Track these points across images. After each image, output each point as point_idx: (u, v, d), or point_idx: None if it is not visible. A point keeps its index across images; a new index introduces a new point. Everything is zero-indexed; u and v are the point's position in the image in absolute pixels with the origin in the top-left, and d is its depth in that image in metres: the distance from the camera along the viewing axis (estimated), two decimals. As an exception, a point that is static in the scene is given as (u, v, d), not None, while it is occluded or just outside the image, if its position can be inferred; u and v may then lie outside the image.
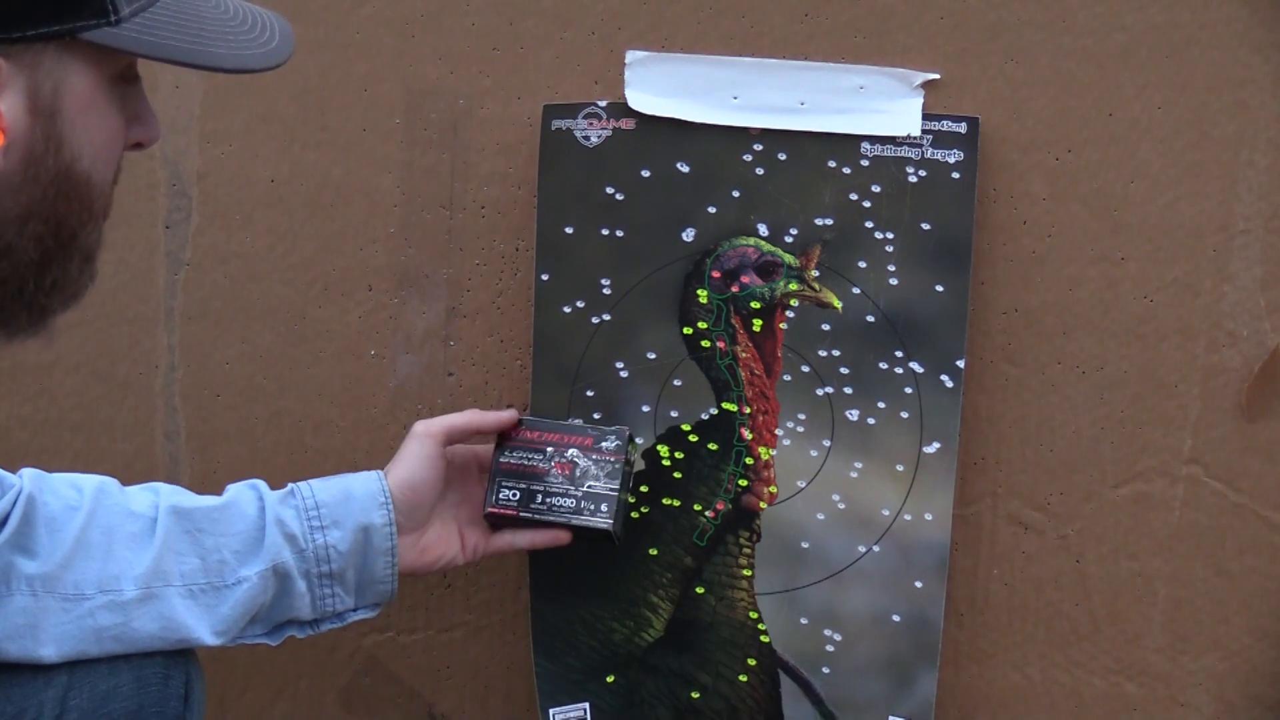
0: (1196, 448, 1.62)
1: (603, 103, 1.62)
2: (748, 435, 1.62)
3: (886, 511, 1.61)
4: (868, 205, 1.60)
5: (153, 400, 1.70)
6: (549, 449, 1.56)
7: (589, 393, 1.63)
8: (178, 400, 1.69)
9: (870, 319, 1.61)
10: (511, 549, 1.58)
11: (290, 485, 1.48)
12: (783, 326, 1.62)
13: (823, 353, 1.61)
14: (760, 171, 1.61)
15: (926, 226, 1.59)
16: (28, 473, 1.43)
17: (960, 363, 1.60)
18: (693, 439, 1.63)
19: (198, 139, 1.67)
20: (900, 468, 1.60)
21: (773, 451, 1.62)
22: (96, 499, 1.42)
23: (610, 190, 1.62)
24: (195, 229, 1.68)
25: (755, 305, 1.62)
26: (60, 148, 1.12)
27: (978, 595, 1.66)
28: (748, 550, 1.63)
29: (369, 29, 1.65)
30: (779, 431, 1.62)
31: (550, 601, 1.65)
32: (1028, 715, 1.67)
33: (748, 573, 1.63)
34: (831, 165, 1.60)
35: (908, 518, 1.61)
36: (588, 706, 1.64)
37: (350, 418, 1.69)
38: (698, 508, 1.63)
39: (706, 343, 1.63)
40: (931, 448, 1.60)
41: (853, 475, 1.61)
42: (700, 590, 1.64)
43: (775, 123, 1.60)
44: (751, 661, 1.64)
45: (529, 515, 1.55)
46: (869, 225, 1.60)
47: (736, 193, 1.61)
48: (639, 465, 1.62)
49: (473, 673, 1.72)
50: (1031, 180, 1.60)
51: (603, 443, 1.56)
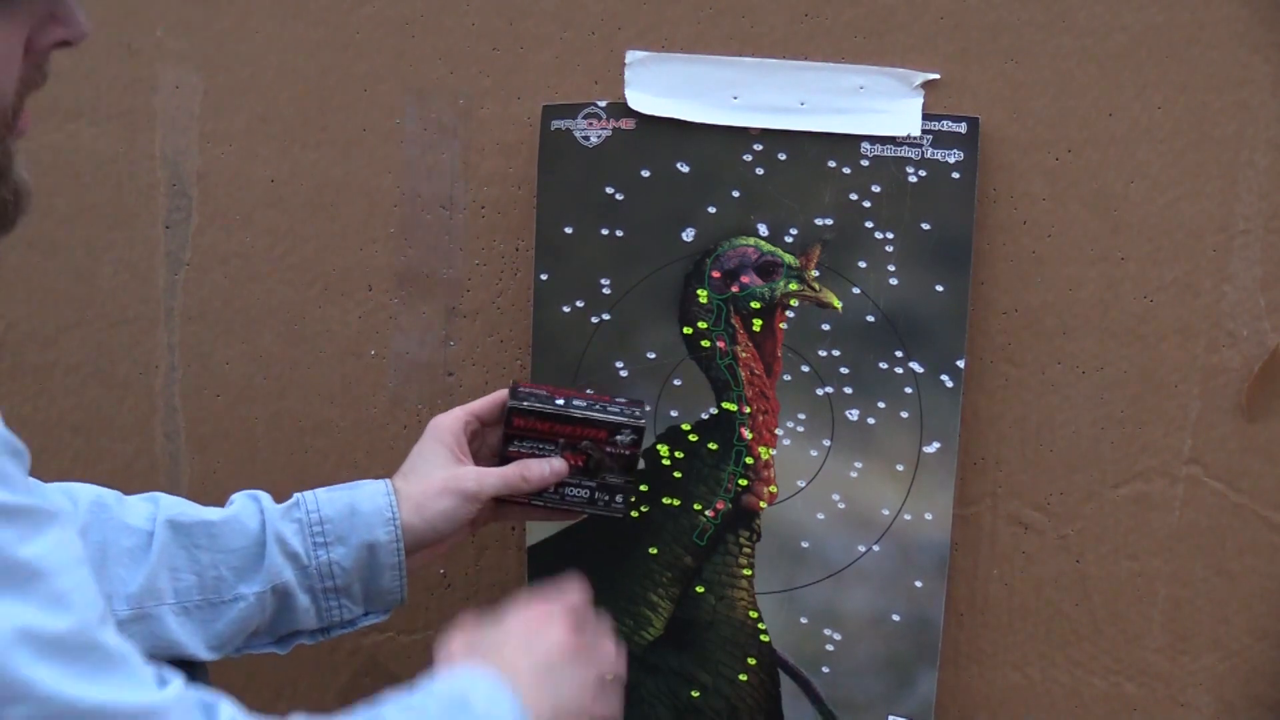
0: (1196, 448, 1.62)
1: (603, 103, 1.62)
2: (748, 435, 1.62)
3: (886, 511, 1.61)
4: (868, 205, 1.60)
5: (153, 400, 1.70)
6: (560, 440, 1.53)
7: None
8: (178, 400, 1.69)
9: (870, 319, 1.61)
10: (521, 520, 1.59)
11: (295, 496, 1.45)
12: (783, 326, 1.62)
13: (823, 353, 1.61)
14: (760, 171, 1.61)
15: (926, 226, 1.59)
16: None
17: (960, 363, 1.60)
18: (693, 439, 1.63)
19: (198, 139, 1.67)
20: (900, 467, 1.60)
21: (773, 451, 1.62)
22: (92, 512, 1.40)
23: (610, 190, 1.62)
24: (195, 229, 1.68)
25: (755, 305, 1.62)
26: None
27: (978, 595, 1.66)
28: (748, 550, 1.63)
29: (369, 29, 1.65)
30: (779, 431, 1.62)
31: (550, 601, 1.65)
32: (1028, 715, 1.67)
33: (748, 572, 1.63)
34: (831, 165, 1.60)
35: (908, 517, 1.61)
36: (588, 706, 1.64)
37: (350, 418, 1.69)
38: (698, 507, 1.63)
39: (706, 343, 1.63)
40: (931, 447, 1.60)
41: (853, 475, 1.61)
42: (700, 589, 1.64)
43: (775, 123, 1.60)
44: (751, 661, 1.64)
45: (541, 504, 1.53)
46: (869, 225, 1.60)
47: (736, 193, 1.61)
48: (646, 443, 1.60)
49: (473, 672, 1.72)
50: (1031, 180, 1.60)
51: (618, 436, 1.53)
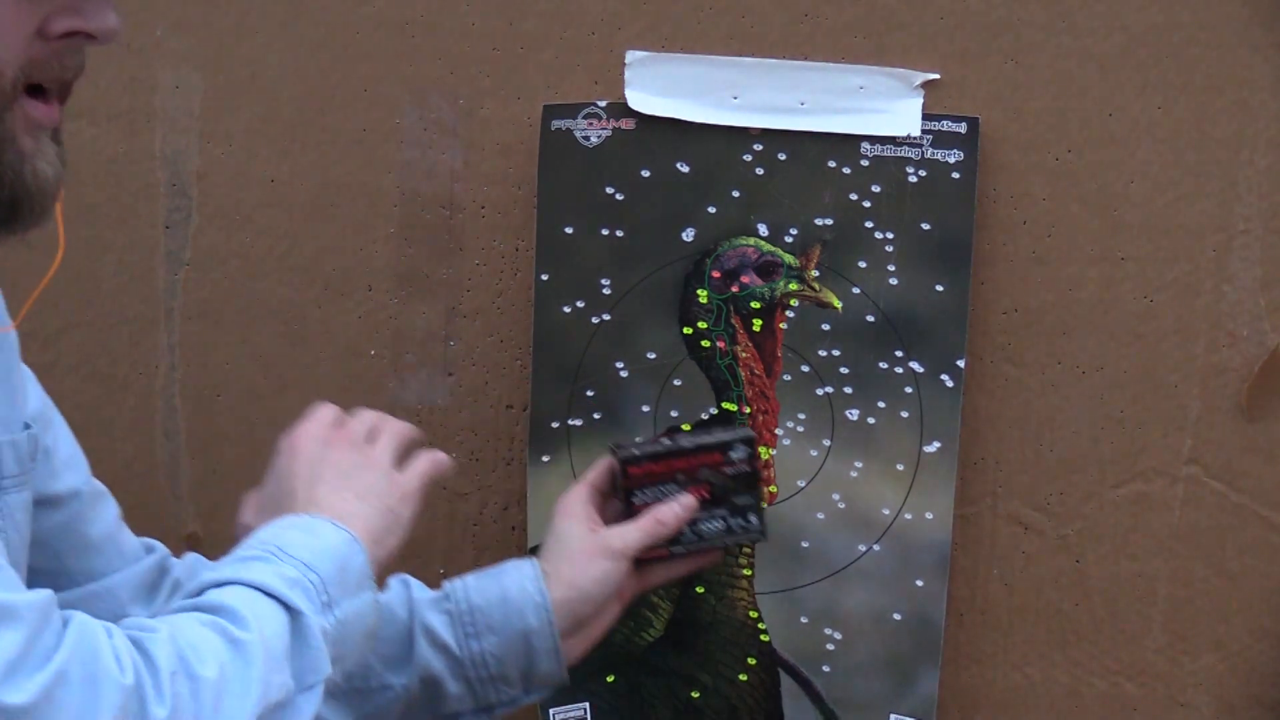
0: (1196, 448, 1.62)
1: (603, 103, 1.62)
2: (748, 435, 1.62)
3: (887, 511, 1.61)
4: (868, 205, 1.60)
5: (153, 400, 1.70)
6: (680, 476, 1.48)
7: (589, 392, 1.63)
8: (178, 400, 1.69)
9: (870, 319, 1.61)
10: (667, 580, 1.53)
11: (445, 585, 1.44)
12: (783, 326, 1.62)
13: (823, 353, 1.61)
14: (760, 171, 1.61)
15: (926, 226, 1.59)
16: (189, 557, 1.42)
17: (960, 362, 1.59)
18: (693, 439, 1.63)
19: (198, 139, 1.66)
20: (900, 467, 1.60)
21: (772, 451, 1.62)
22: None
23: (610, 190, 1.62)
24: (195, 229, 1.68)
25: (755, 305, 1.62)
26: None
27: (978, 595, 1.66)
28: (748, 550, 1.63)
29: (369, 29, 1.65)
30: (779, 431, 1.62)
31: (550, 601, 1.64)
32: (1028, 715, 1.67)
33: (748, 572, 1.63)
34: (831, 165, 1.60)
35: (908, 517, 1.60)
36: (587, 706, 1.64)
37: (350, 418, 1.69)
38: (698, 507, 1.63)
39: (706, 343, 1.63)
40: (932, 447, 1.60)
41: (853, 475, 1.61)
42: (700, 590, 1.64)
43: (775, 123, 1.60)
44: (751, 661, 1.63)
45: (682, 550, 1.48)
46: (869, 225, 1.60)
47: (736, 193, 1.61)
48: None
49: (473, 673, 1.72)
50: (1031, 180, 1.60)
51: (731, 453, 1.49)
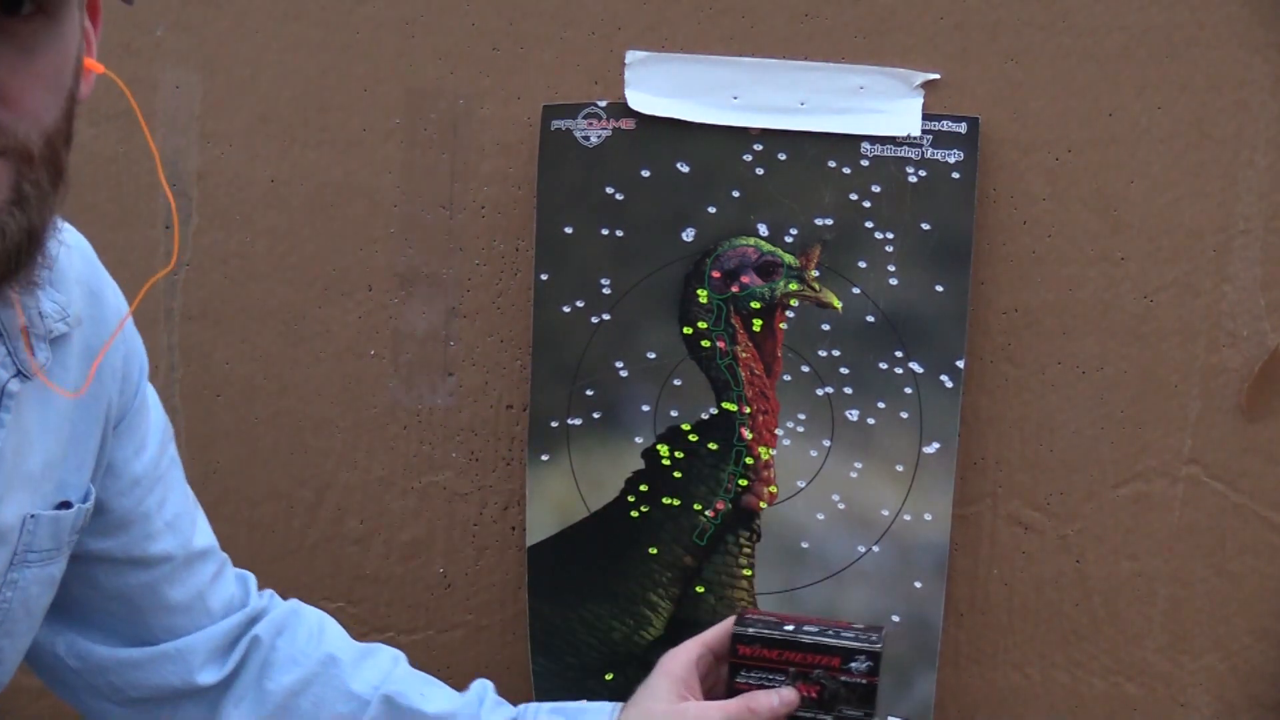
0: (1196, 448, 1.62)
1: (603, 103, 1.62)
2: (748, 435, 1.62)
3: (886, 512, 1.61)
4: (868, 205, 1.60)
5: (153, 400, 1.70)
6: (791, 669, 1.41)
7: (589, 392, 1.63)
8: (178, 400, 1.69)
9: (870, 319, 1.61)
10: None
11: (522, 706, 1.43)
12: (783, 326, 1.62)
13: (823, 353, 1.61)
14: (760, 171, 1.61)
15: (926, 226, 1.59)
16: (285, 607, 1.43)
17: (960, 363, 1.60)
18: (693, 439, 1.63)
19: (198, 139, 1.67)
20: (900, 468, 1.60)
21: (772, 451, 1.62)
22: (323, 665, 1.40)
23: (610, 190, 1.62)
24: (195, 229, 1.68)
25: (755, 305, 1.62)
26: None
27: (978, 595, 1.66)
28: (748, 550, 1.63)
29: (369, 29, 1.65)
30: (779, 431, 1.62)
31: (549, 600, 1.65)
32: (1028, 715, 1.67)
33: (748, 572, 1.63)
34: (831, 165, 1.60)
35: (907, 518, 1.61)
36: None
37: (350, 418, 1.69)
38: (698, 507, 1.63)
39: (706, 343, 1.63)
40: (931, 448, 1.60)
41: (852, 475, 1.61)
42: (700, 589, 1.64)
43: (775, 123, 1.60)
44: (751, 661, 1.64)
45: None
46: (869, 225, 1.60)
47: (736, 193, 1.61)
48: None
49: (473, 673, 1.71)
50: (1031, 180, 1.60)
51: (852, 664, 1.41)
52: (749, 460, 1.63)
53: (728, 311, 1.62)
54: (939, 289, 1.60)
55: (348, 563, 1.72)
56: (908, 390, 1.60)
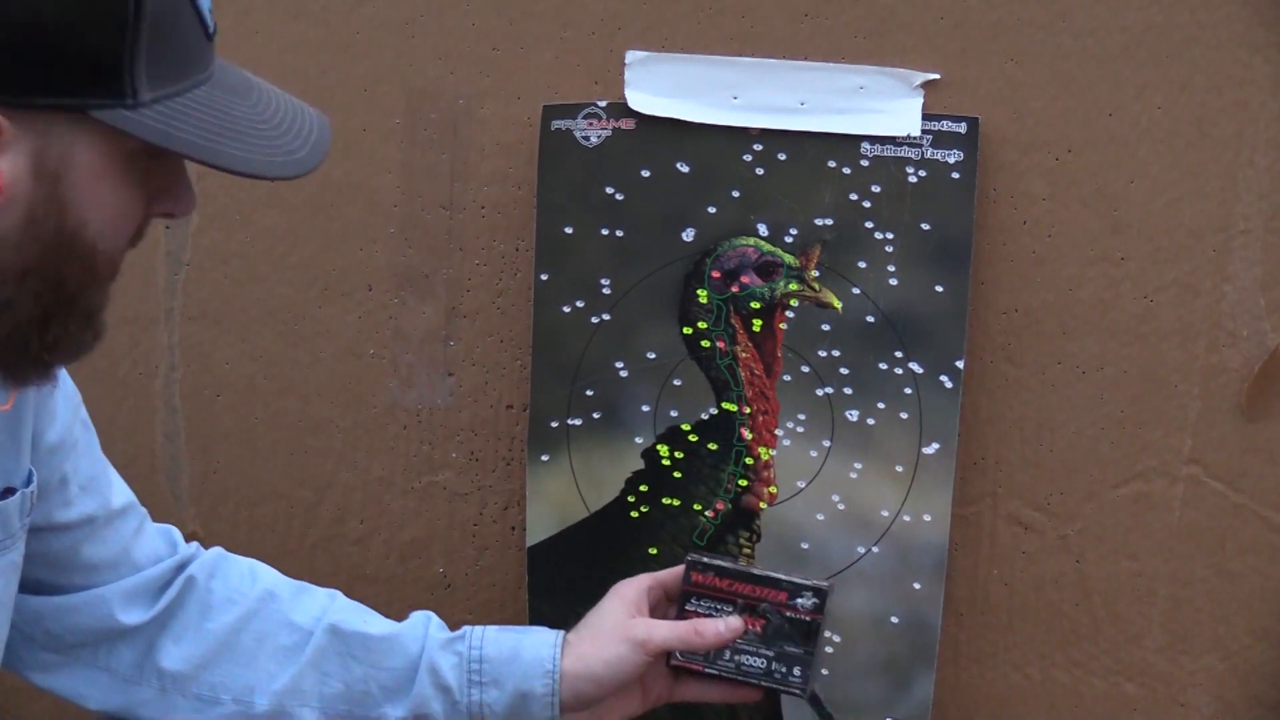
0: (1196, 448, 1.62)
1: (603, 103, 1.62)
2: (747, 435, 1.62)
3: (886, 512, 1.61)
4: (868, 205, 1.60)
5: (153, 400, 1.70)
6: (739, 601, 1.45)
7: (589, 392, 1.63)
8: (178, 400, 1.69)
9: (870, 319, 1.61)
10: (699, 699, 1.50)
11: (465, 628, 1.44)
12: (783, 326, 1.62)
13: (823, 353, 1.61)
14: (760, 171, 1.61)
15: (926, 226, 1.59)
16: (212, 551, 1.45)
17: (960, 363, 1.59)
18: (693, 439, 1.63)
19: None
20: (900, 468, 1.60)
21: (772, 451, 1.62)
22: (261, 601, 1.42)
23: (610, 190, 1.62)
24: (195, 229, 1.68)
25: (755, 305, 1.62)
26: (64, 212, 1.10)
27: (978, 595, 1.66)
28: (747, 550, 1.63)
29: (369, 29, 1.65)
30: (779, 431, 1.62)
31: (550, 600, 1.65)
32: (1028, 715, 1.67)
33: (748, 572, 1.63)
34: (831, 165, 1.60)
35: (907, 519, 1.60)
36: (588, 706, 1.64)
37: (350, 418, 1.69)
38: (697, 507, 1.63)
39: (706, 343, 1.63)
40: (931, 448, 1.60)
41: (852, 476, 1.61)
42: (700, 590, 1.64)
43: (775, 123, 1.60)
44: (751, 661, 1.64)
45: (715, 672, 1.46)
46: (869, 225, 1.60)
47: (736, 193, 1.61)
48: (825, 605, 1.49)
49: (473, 672, 1.72)
50: (1031, 180, 1.60)
51: (798, 599, 1.45)
52: (749, 460, 1.62)
53: (728, 311, 1.62)
54: (939, 289, 1.60)
55: (348, 563, 1.72)
56: (908, 390, 1.60)
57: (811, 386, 1.62)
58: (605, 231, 1.63)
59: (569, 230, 1.63)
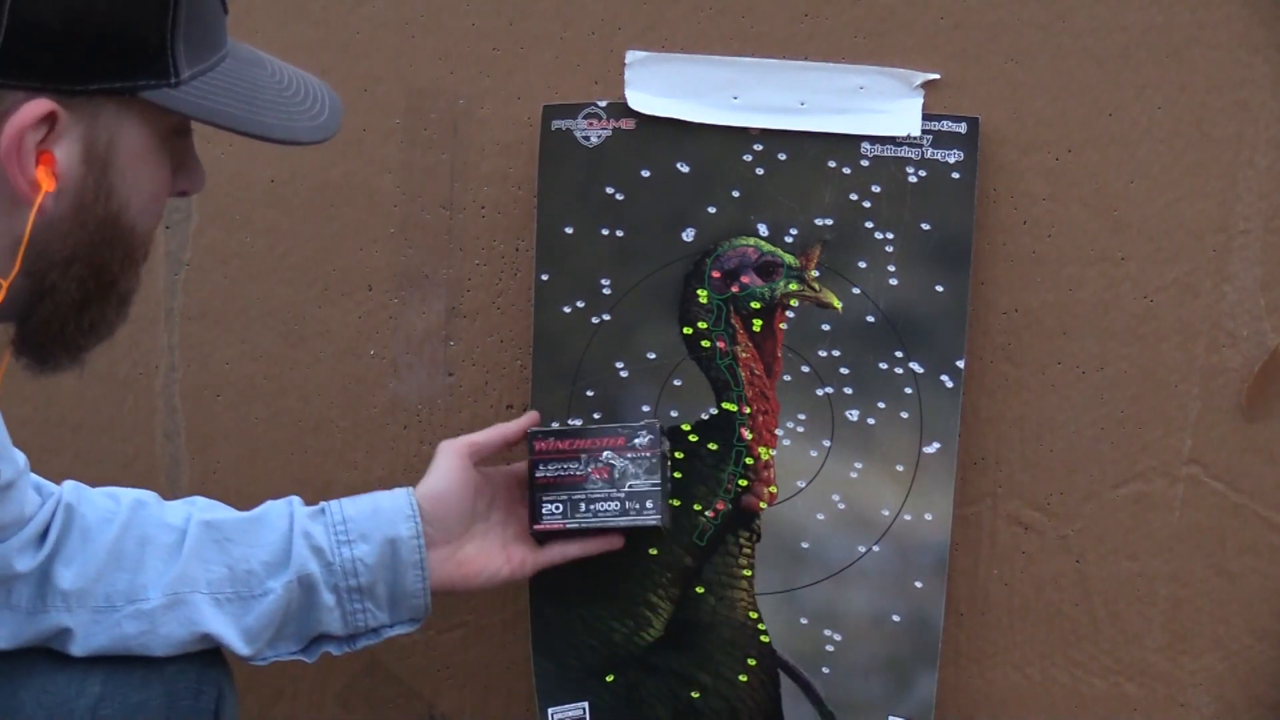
0: (1196, 448, 1.62)
1: (603, 103, 1.62)
2: (748, 435, 1.62)
3: (886, 512, 1.61)
4: (868, 205, 1.60)
5: (153, 400, 1.70)
6: (583, 455, 1.55)
7: (589, 393, 1.63)
8: (178, 400, 1.69)
9: (870, 319, 1.61)
10: (564, 559, 1.57)
11: (321, 503, 1.49)
12: (783, 326, 1.62)
13: (823, 353, 1.61)
14: (760, 171, 1.61)
15: (926, 226, 1.59)
16: (68, 484, 1.45)
17: (960, 363, 1.59)
18: (693, 439, 1.63)
19: (198, 139, 1.66)
20: (900, 468, 1.60)
21: (772, 451, 1.62)
22: (133, 510, 1.44)
23: (610, 190, 1.62)
24: (195, 229, 1.68)
25: (755, 305, 1.62)
26: (110, 197, 1.15)
27: (978, 595, 1.66)
28: (748, 550, 1.63)
29: (369, 29, 1.65)
30: (779, 431, 1.62)
31: (550, 601, 1.65)
32: (1028, 715, 1.67)
33: (748, 573, 1.63)
34: (831, 165, 1.60)
35: (908, 518, 1.60)
36: (587, 706, 1.64)
37: (350, 418, 1.69)
38: (698, 508, 1.63)
39: (706, 343, 1.63)
40: (931, 448, 1.60)
41: (853, 475, 1.61)
42: (700, 590, 1.64)
43: (775, 123, 1.60)
44: (751, 661, 1.63)
45: (576, 525, 1.55)
46: (869, 225, 1.60)
47: (736, 193, 1.61)
48: (669, 447, 1.61)
49: (473, 673, 1.72)
50: (1031, 180, 1.60)
51: (635, 439, 1.55)
52: (749, 460, 1.62)
53: (728, 311, 1.62)
54: (939, 289, 1.60)
55: (348, 563, 1.71)
56: (908, 390, 1.60)
57: (811, 386, 1.62)
58: (605, 231, 1.63)
59: (569, 230, 1.63)
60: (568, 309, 1.63)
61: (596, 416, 1.63)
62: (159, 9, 1.11)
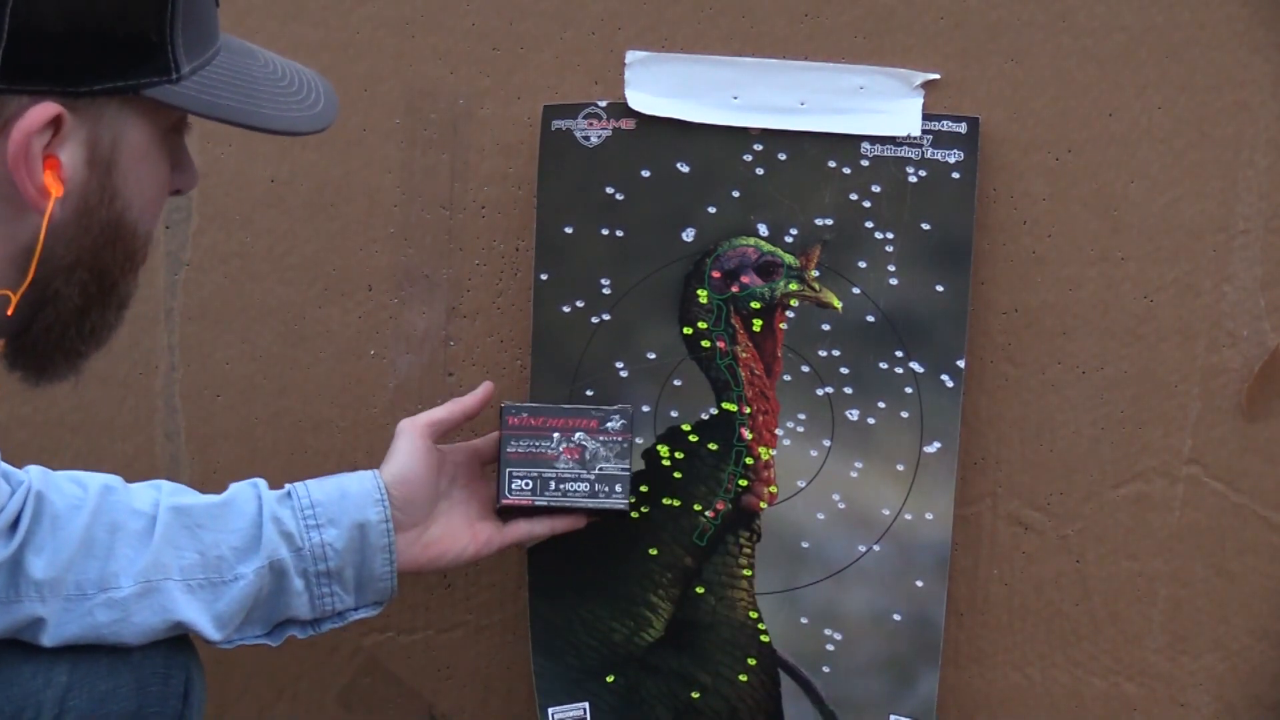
0: (1196, 448, 1.62)
1: (603, 103, 1.62)
2: (748, 435, 1.62)
3: (887, 511, 1.61)
4: (868, 205, 1.60)
5: (153, 400, 1.70)
6: (555, 434, 1.55)
7: (589, 392, 1.63)
8: (178, 400, 1.69)
9: (870, 319, 1.61)
10: (530, 538, 1.58)
11: (287, 486, 1.49)
12: (783, 326, 1.62)
13: (823, 353, 1.61)
14: (760, 171, 1.61)
15: (926, 226, 1.59)
16: (34, 470, 1.44)
17: (960, 362, 1.60)
18: (693, 439, 1.63)
19: (198, 139, 1.65)
20: (901, 467, 1.60)
21: (773, 451, 1.62)
22: (101, 496, 1.43)
23: (610, 190, 1.62)
24: (195, 229, 1.68)
25: (755, 305, 1.62)
26: (114, 199, 1.14)
27: (978, 595, 1.66)
28: (748, 550, 1.63)
29: (369, 29, 1.65)
30: (779, 431, 1.62)
31: (550, 601, 1.64)
32: (1028, 715, 1.67)
33: (748, 573, 1.63)
34: (831, 165, 1.60)
35: (908, 517, 1.61)
36: (587, 706, 1.64)
37: (350, 418, 1.69)
38: (697, 508, 1.63)
39: (706, 343, 1.63)
40: (932, 447, 1.60)
41: (853, 475, 1.61)
42: (700, 590, 1.64)
43: (775, 123, 1.60)
44: (751, 661, 1.64)
45: (545, 503, 1.55)
46: (869, 225, 1.60)
47: (736, 193, 1.61)
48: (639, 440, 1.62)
49: (473, 673, 1.72)
50: (1031, 180, 1.60)
51: (608, 423, 1.56)
52: (749, 460, 1.62)
53: (728, 311, 1.62)
54: (939, 289, 1.60)
55: (347, 563, 1.71)
56: (908, 390, 1.60)
57: (812, 386, 1.62)
58: (605, 231, 1.63)
59: (569, 230, 1.63)
60: (567, 309, 1.63)
61: (596, 416, 1.63)
62: (158, 4, 1.10)
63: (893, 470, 1.61)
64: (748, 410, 1.62)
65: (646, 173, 1.62)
